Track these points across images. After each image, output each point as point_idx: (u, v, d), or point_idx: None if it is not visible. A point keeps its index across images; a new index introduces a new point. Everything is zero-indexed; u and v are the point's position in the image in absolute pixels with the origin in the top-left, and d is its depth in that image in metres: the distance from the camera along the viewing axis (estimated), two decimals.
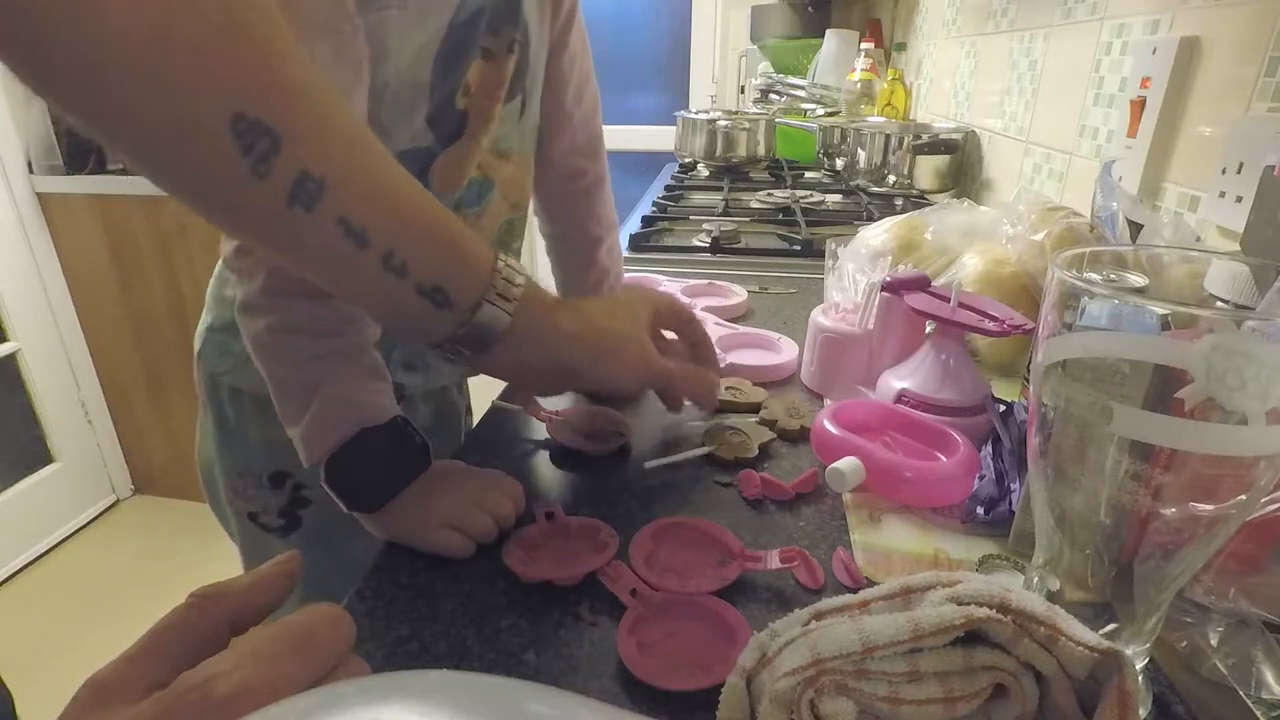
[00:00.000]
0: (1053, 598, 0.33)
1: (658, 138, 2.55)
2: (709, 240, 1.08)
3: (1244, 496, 0.27)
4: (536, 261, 2.83)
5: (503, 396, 0.63)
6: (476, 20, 0.52)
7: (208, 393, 0.66)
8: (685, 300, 0.84)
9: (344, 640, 0.23)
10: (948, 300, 0.56)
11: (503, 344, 0.42)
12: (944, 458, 0.50)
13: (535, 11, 0.58)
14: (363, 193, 0.36)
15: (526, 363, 0.45)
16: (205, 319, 0.65)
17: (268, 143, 0.32)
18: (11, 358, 1.94)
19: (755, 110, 1.98)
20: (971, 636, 0.27)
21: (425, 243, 0.39)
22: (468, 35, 0.52)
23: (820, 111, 1.89)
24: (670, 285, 0.89)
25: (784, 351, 0.71)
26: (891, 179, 1.38)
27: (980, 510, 0.45)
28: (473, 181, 0.59)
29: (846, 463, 0.47)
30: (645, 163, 2.42)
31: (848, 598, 0.30)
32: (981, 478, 0.47)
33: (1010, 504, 0.45)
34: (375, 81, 0.50)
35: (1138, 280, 0.38)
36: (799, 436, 0.57)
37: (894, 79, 1.72)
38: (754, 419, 0.59)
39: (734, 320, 0.81)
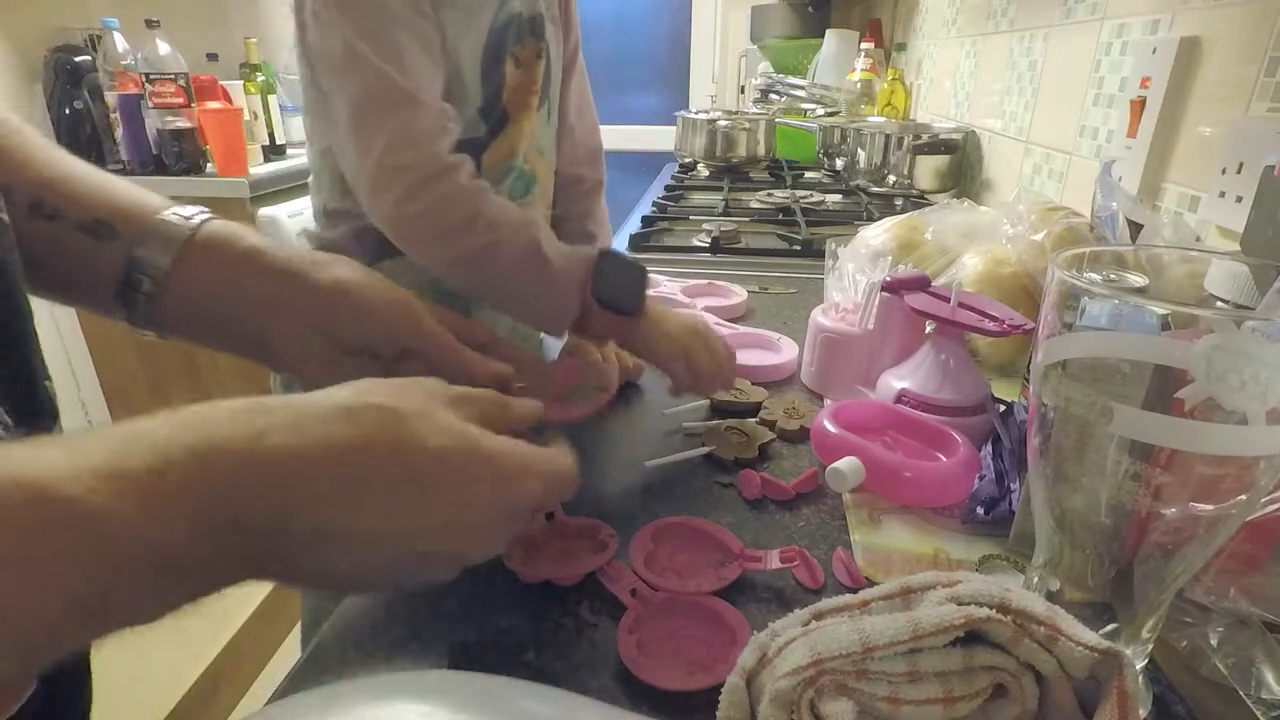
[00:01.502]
0: (1053, 598, 0.33)
1: (658, 138, 2.54)
2: (709, 240, 1.08)
3: (1244, 496, 0.27)
4: None
5: None
6: (508, 28, 0.63)
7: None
8: (685, 300, 0.84)
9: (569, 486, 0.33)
10: (948, 300, 0.56)
11: (174, 290, 0.40)
12: (944, 458, 0.50)
13: (554, 35, 0.70)
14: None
15: (203, 313, 0.42)
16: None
17: None
18: None
19: (755, 110, 1.98)
20: (971, 636, 0.27)
21: (82, 188, 0.41)
22: (502, 40, 0.63)
23: (820, 111, 1.89)
24: (670, 285, 0.89)
25: (784, 351, 0.71)
26: (891, 179, 1.38)
27: (980, 510, 0.45)
28: (521, 174, 0.68)
29: (846, 463, 0.47)
30: (645, 163, 2.42)
31: (848, 598, 0.30)
32: (981, 478, 0.47)
33: (1010, 504, 0.45)
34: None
35: (1138, 280, 0.38)
36: (799, 436, 0.57)
37: (894, 79, 1.72)
38: (754, 419, 0.59)
39: (734, 320, 0.81)
